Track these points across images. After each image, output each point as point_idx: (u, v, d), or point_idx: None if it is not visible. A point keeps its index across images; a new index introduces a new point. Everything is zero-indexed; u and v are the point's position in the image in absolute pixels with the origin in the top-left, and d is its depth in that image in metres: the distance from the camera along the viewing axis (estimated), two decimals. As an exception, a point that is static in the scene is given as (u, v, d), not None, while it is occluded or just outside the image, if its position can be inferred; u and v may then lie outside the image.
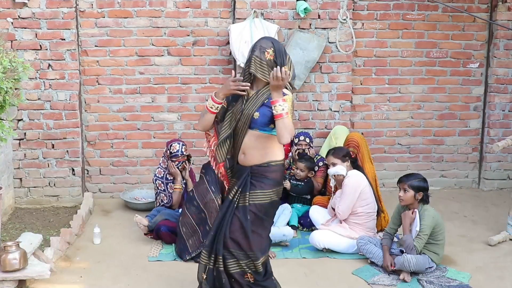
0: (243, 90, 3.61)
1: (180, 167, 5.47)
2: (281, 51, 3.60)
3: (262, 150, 3.63)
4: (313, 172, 5.74)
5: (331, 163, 5.18)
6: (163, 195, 5.51)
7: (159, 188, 5.52)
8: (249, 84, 3.61)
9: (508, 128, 6.66)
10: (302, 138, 5.84)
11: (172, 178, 5.52)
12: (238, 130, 3.66)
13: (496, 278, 4.51)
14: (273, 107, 3.48)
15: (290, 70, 3.58)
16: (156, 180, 5.53)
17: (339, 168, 5.10)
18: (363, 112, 6.61)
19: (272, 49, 3.56)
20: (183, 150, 5.44)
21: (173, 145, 5.46)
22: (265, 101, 3.59)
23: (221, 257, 3.62)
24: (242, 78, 3.64)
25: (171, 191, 5.49)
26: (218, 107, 3.68)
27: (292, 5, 6.10)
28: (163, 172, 5.53)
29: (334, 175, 5.14)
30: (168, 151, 5.46)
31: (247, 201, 3.61)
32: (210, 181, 4.86)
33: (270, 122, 3.58)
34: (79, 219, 5.37)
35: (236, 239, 3.61)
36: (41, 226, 5.57)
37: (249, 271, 3.65)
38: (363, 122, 6.62)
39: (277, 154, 3.66)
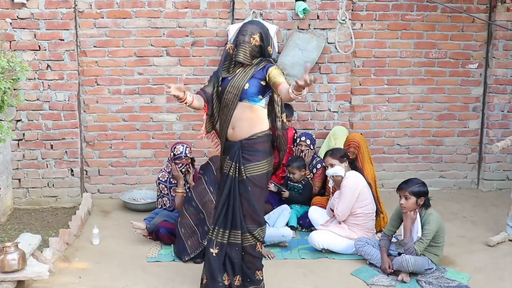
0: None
1: (183, 170, 5.44)
2: (266, 34, 3.91)
3: (250, 121, 3.86)
4: (311, 174, 5.73)
5: (329, 164, 5.17)
6: (166, 199, 5.48)
7: (163, 192, 5.49)
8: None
9: (507, 129, 6.66)
10: (303, 138, 5.82)
11: (175, 181, 5.49)
12: (228, 103, 3.88)
13: (495, 278, 4.50)
14: (295, 93, 3.55)
15: (271, 47, 3.95)
16: (159, 184, 5.50)
17: (337, 169, 5.09)
18: (362, 113, 6.61)
19: (259, 35, 3.86)
20: (187, 152, 5.41)
21: (177, 147, 5.43)
22: (254, 74, 3.86)
23: (239, 231, 3.90)
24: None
25: (174, 195, 5.47)
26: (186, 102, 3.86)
27: (291, 6, 6.09)
28: (166, 176, 5.50)
29: (333, 176, 5.14)
30: (172, 153, 5.44)
31: (244, 175, 3.86)
32: (209, 182, 4.86)
33: (259, 92, 3.86)
34: (78, 220, 5.37)
35: (249, 213, 3.89)
36: (40, 226, 5.56)
37: (258, 241, 3.97)
38: (362, 123, 6.61)
39: (262, 125, 3.91)
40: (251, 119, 3.86)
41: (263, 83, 3.84)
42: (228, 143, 3.96)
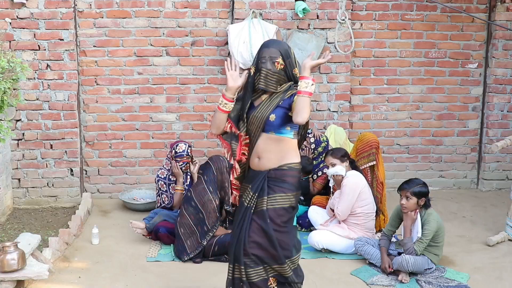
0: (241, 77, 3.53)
1: (183, 168, 5.48)
2: (288, 53, 3.53)
3: (279, 153, 3.52)
4: (315, 175, 5.71)
5: (330, 164, 5.17)
6: (165, 196, 5.51)
7: (161, 189, 5.52)
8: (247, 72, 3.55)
9: (506, 129, 6.66)
10: (312, 140, 5.79)
11: (174, 179, 5.53)
12: (251, 134, 3.58)
13: (494, 278, 4.50)
14: (299, 83, 3.37)
15: (296, 66, 3.55)
16: (158, 181, 5.54)
17: (338, 168, 5.09)
18: (361, 113, 6.61)
19: (281, 57, 3.49)
20: (188, 151, 5.47)
21: (179, 145, 5.49)
22: (280, 103, 3.51)
23: (242, 267, 3.50)
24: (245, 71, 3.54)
25: (173, 192, 5.49)
26: (230, 105, 3.53)
27: (291, 6, 6.10)
28: (166, 173, 5.54)
29: (333, 176, 5.14)
30: (173, 151, 5.48)
31: (265, 205, 3.48)
32: (208, 182, 4.86)
33: (285, 123, 3.51)
34: (77, 220, 5.37)
35: (259, 242, 3.49)
36: (39, 226, 5.56)
37: (272, 276, 3.55)
38: (361, 123, 6.62)
39: (293, 157, 3.56)
40: (280, 151, 3.51)
41: (290, 114, 3.47)
42: (252, 172, 3.60)
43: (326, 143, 5.79)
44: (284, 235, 3.52)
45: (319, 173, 5.70)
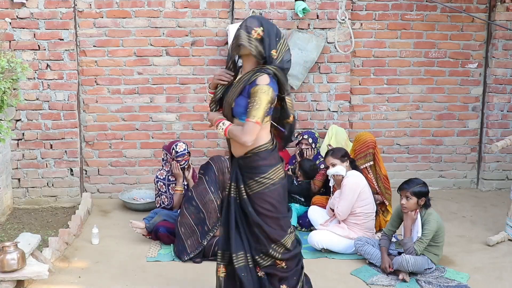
0: (228, 80, 3.52)
1: (186, 167, 5.50)
2: (270, 30, 3.36)
3: None
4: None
5: (330, 164, 5.17)
6: (164, 197, 5.51)
7: (161, 190, 5.52)
8: (232, 74, 3.50)
9: (506, 128, 6.66)
10: (306, 137, 5.83)
11: (174, 179, 5.53)
12: (226, 117, 3.52)
13: (494, 278, 4.50)
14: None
15: (279, 52, 3.38)
16: (157, 182, 5.54)
17: (338, 168, 5.09)
18: (361, 113, 6.61)
19: (261, 28, 3.34)
20: (187, 149, 5.49)
21: (178, 144, 5.49)
22: (242, 90, 3.39)
23: (249, 255, 3.50)
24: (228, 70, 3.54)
25: (172, 193, 5.49)
26: (211, 97, 3.60)
27: (291, 5, 6.10)
28: (165, 174, 5.54)
29: (333, 176, 5.14)
30: (174, 151, 5.47)
31: (244, 194, 3.46)
32: (209, 181, 4.86)
33: (245, 111, 3.37)
34: (77, 220, 5.37)
35: (255, 232, 3.48)
36: (39, 226, 5.56)
37: (278, 257, 3.53)
38: (361, 123, 6.62)
39: (259, 140, 3.41)
40: None
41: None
42: (232, 158, 3.59)
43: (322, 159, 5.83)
44: (270, 220, 3.48)
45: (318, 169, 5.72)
